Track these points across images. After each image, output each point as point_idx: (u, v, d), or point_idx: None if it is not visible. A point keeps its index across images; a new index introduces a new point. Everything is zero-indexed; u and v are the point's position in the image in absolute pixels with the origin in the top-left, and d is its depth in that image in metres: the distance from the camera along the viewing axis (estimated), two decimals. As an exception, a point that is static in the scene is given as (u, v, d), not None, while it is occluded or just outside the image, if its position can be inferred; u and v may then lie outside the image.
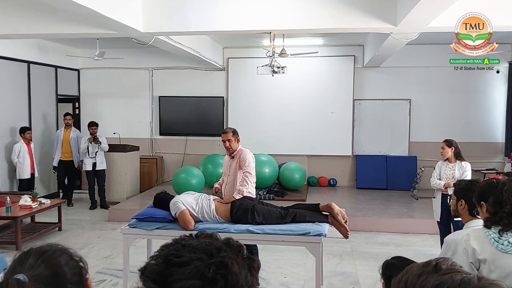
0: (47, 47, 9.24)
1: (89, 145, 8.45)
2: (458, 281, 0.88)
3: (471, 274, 0.90)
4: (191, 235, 0.98)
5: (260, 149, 8.84)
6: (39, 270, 1.10)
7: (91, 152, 8.45)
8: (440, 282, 0.89)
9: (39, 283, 1.08)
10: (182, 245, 0.92)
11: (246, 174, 4.51)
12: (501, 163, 9.47)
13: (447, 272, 0.92)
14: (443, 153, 5.29)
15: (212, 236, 0.97)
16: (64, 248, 1.19)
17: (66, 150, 8.79)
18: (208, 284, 0.86)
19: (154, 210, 4.35)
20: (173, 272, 0.87)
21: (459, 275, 0.90)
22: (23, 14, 5.55)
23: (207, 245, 0.92)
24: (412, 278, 0.94)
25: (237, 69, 10.09)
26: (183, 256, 0.89)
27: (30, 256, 1.13)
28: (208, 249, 0.90)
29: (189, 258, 0.89)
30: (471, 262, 2.09)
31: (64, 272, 1.13)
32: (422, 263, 0.98)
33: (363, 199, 8.73)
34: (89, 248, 6.23)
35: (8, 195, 6.65)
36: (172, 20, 5.50)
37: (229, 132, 4.63)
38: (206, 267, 0.87)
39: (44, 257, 1.13)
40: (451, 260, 0.96)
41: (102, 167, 8.60)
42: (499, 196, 2.13)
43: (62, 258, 1.15)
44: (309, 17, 5.30)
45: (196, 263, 0.88)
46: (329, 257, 5.69)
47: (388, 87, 9.77)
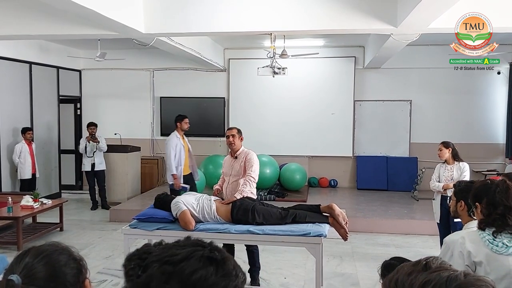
0: (49, 48, 9.27)
1: (87, 145, 8.48)
2: (445, 278, 0.90)
3: (458, 271, 0.92)
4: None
5: (261, 149, 8.83)
6: (37, 270, 1.09)
7: (89, 152, 8.47)
8: (427, 279, 0.91)
9: (31, 284, 1.07)
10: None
11: (249, 177, 4.52)
12: (501, 164, 9.47)
13: (435, 270, 0.93)
14: (441, 154, 5.31)
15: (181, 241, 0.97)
16: (65, 247, 1.19)
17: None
18: None
19: (155, 211, 4.36)
20: None
21: (446, 272, 0.92)
22: (25, 15, 5.57)
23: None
24: (402, 277, 0.96)
25: (238, 70, 10.11)
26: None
27: (28, 255, 1.12)
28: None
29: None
30: (467, 265, 2.09)
31: (63, 272, 1.12)
32: (413, 262, 1.00)
33: (364, 200, 8.74)
34: (90, 248, 6.25)
35: (10, 196, 6.67)
36: (173, 21, 5.51)
37: (235, 129, 4.74)
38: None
39: (42, 256, 1.12)
40: (440, 259, 0.98)
41: (101, 167, 8.61)
42: (493, 197, 2.13)
43: (61, 258, 1.15)
44: (310, 18, 5.31)
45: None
46: (329, 258, 5.70)
47: (388, 88, 9.78)
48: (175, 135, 6.65)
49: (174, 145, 6.54)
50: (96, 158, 8.50)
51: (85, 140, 8.54)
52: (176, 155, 6.53)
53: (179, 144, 6.59)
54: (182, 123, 6.68)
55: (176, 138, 6.62)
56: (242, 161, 4.62)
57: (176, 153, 6.53)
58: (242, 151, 4.69)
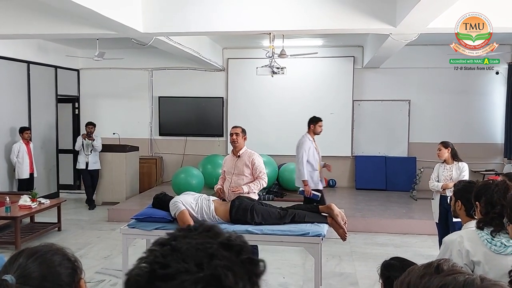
0: (47, 47, 9.24)
1: (83, 142, 8.53)
2: (462, 282, 0.88)
3: (474, 275, 0.91)
4: (189, 228, 0.84)
5: (259, 149, 8.69)
6: (30, 270, 1.09)
7: (86, 149, 8.56)
8: (444, 283, 0.89)
9: (26, 284, 1.07)
10: (171, 248, 0.80)
11: (261, 180, 4.71)
12: (500, 164, 9.48)
13: (449, 273, 0.92)
14: (440, 154, 5.31)
15: (211, 231, 0.83)
16: (59, 248, 1.18)
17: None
18: None
19: (153, 211, 4.35)
20: (157, 287, 0.75)
21: (462, 276, 0.90)
22: (23, 15, 5.55)
23: (199, 249, 0.79)
24: (414, 280, 0.95)
25: (237, 69, 10.10)
26: (169, 267, 0.76)
27: (21, 256, 1.12)
28: (199, 256, 0.78)
29: (175, 269, 0.76)
30: (465, 264, 2.09)
31: (57, 272, 1.12)
32: (424, 265, 0.98)
33: (363, 199, 8.74)
34: (88, 248, 6.23)
35: (8, 195, 6.65)
36: (172, 20, 5.50)
37: (239, 128, 4.81)
38: (193, 284, 0.74)
39: (36, 256, 1.12)
40: (452, 261, 0.97)
41: (95, 167, 8.67)
42: (491, 196, 2.14)
43: (55, 258, 1.14)
44: (308, 18, 5.31)
45: (183, 277, 0.75)
46: (328, 257, 5.69)
47: (387, 88, 9.78)
48: (307, 138, 6.19)
49: (307, 149, 6.09)
50: (90, 157, 8.57)
51: (81, 138, 8.62)
52: (310, 160, 6.08)
53: (312, 147, 6.16)
54: (316, 126, 6.24)
55: (309, 141, 6.17)
56: (247, 162, 4.70)
57: (309, 157, 6.09)
58: (245, 151, 4.76)
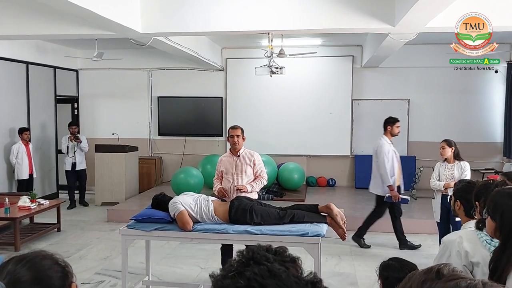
0: (46, 48, 9.23)
1: (69, 144, 8.57)
2: (464, 287, 0.88)
3: (476, 280, 0.90)
4: (278, 251, 0.90)
5: (259, 149, 8.67)
6: (20, 274, 1.09)
7: (70, 151, 8.59)
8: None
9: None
10: (269, 270, 0.84)
11: (262, 179, 4.79)
12: (499, 163, 9.48)
13: (450, 278, 0.92)
14: (443, 152, 5.29)
15: (296, 263, 0.89)
16: (48, 254, 1.19)
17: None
18: None
19: (152, 211, 4.34)
20: None
21: (464, 282, 0.90)
22: (22, 15, 5.54)
23: (297, 283, 0.85)
24: (416, 285, 0.94)
25: (236, 69, 10.09)
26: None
27: (10, 263, 1.13)
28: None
29: None
30: (464, 265, 2.07)
31: (47, 275, 1.13)
32: (424, 270, 0.98)
33: (362, 199, 8.72)
34: (87, 249, 6.23)
35: (7, 196, 6.64)
36: (170, 20, 5.49)
37: (239, 128, 4.79)
38: None
39: (25, 261, 1.13)
40: (452, 265, 0.97)
41: (81, 166, 8.79)
42: None
43: (45, 262, 1.15)
44: (307, 18, 5.30)
45: None
46: (327, 257, 5.69)
47: (386, 87, 9.78)
48: (385, 141, 6.00)
49: (387, 152, 5.90)
50: (77, 158, 8.66)
51: (67, 139, 8.63)
52: (389, 163, 5.89)
53: (391, 150, 5.98)
54: (394, 127, 6.03)
55: (388, 144, 5.98)
56: (249, 161, 4.73)
57: (389, 160, 5.90)
58: (245, 151, 4.81)
